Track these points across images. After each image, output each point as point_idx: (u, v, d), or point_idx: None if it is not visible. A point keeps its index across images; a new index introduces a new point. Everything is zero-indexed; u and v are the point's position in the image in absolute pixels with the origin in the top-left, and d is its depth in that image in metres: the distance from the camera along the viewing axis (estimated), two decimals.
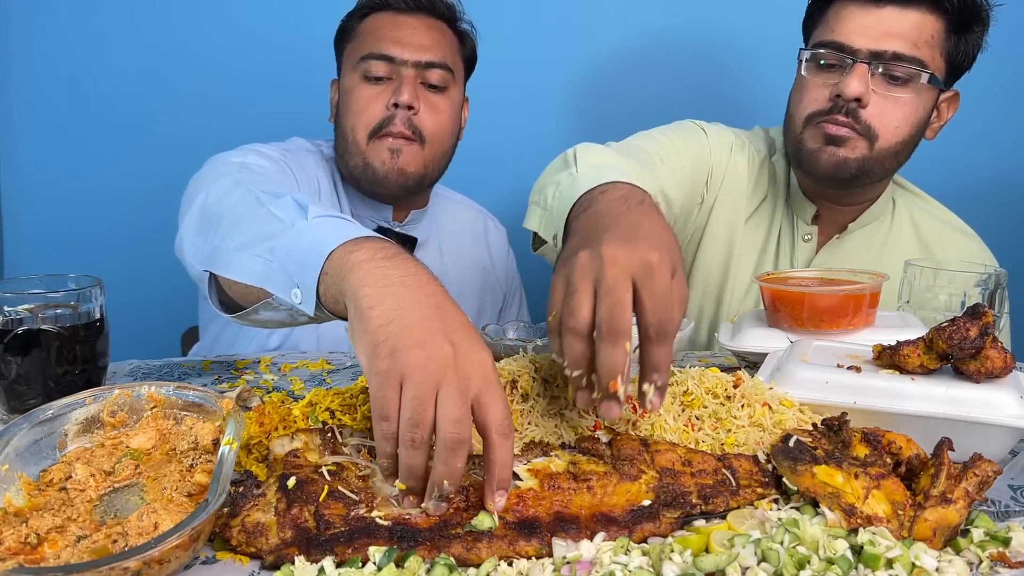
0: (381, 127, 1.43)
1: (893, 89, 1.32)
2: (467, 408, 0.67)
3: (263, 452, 0.82)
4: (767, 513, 0.71)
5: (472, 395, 0.68)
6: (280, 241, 0.85)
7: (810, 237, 1.50)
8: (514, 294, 1.76)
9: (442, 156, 1.51)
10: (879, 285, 1.13)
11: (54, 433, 0.78)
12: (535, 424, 0.86)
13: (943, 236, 1.53)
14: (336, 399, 0.90)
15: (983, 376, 0.87)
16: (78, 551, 0.63)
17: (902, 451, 0.77)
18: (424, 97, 1.45)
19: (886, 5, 1.30)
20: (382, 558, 0.63)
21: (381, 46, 1.43)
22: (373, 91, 1.44)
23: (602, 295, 0.73)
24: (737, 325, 1.20)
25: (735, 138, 1.51)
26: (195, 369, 1.23)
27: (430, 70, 1.44)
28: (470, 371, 0.68)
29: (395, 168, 1.43)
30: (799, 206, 1.50)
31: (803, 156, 1.39)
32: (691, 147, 1.44)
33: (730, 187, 1.48)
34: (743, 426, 0.87)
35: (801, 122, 1.38)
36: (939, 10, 1.31)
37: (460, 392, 0.67)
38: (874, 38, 1.30)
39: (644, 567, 0.63)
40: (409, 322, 0.69)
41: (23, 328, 0.94)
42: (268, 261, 0.85)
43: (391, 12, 1.46)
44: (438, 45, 1.46)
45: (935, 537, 0.68)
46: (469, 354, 0.68)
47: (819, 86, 1.36)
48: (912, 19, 1.30)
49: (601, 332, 0.72)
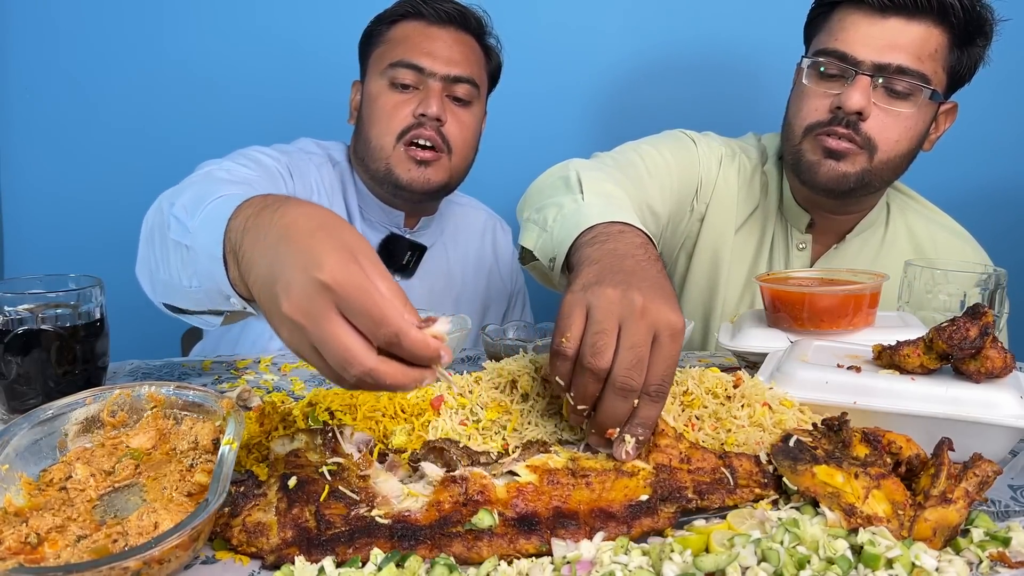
0: (405, 133, 1.43)
1: (894, 103, 1.30)
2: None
3: (263, 452, 0.82)
4: (767, 513, 0.71)
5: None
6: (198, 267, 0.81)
7: (804, 246, 1.49)
8: (518, 294, 1.77)
9: (465, 167, 1.53)
10: (879, 285, 1.13)
11: (54, 433, 0.78)
12: (535, 424, 0.86)
13: (938, 240, 1.51)
14: (336, 399, 0.91)
15: (983, 376, 0.87)
16: (78, 551, 0.63)
17: (902, 451, 0.77)
18: (450, 109, 1.45)
19: (892, 16, 1.27)
20: (383, 560, 0.63)
21: (411, 55, 1.43)
22: (400, 98, 1.44)
23: (624, 345, 0.74)
24: (737, 325, 1.20)
25: (725, 148, 1.50)
26: (195, 369, 1.23)
27: (458, 84, 1.45)
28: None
29: (421, 176, 1.44)
30: (793, 215, 1.49)
31: (802, 167, 1.37)
32: (680, 159, 1.43)
33: (720, 197, 1.47)
34: (743, 426, 0.87)
35: (800, 132, 1.37)
36: (944, 23, 1.28)
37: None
38: (878, 49, 1.28)
39: (644, 567, 0.63)
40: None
41: (23, 328, 0.94)
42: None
43: (423, 22, 1.46)
44: (467, 60, 1.47)
45: (935, 537, 0.68)
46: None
47: (820, 96, 1.33)
48: (917, 32, 1.28)
49: (615, 383, 0.73)
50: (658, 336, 0.74)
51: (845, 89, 1.29)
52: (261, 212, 0.72)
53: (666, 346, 0.74)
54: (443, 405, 0.89)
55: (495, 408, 0.88)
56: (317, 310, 0.63)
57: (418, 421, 0.88)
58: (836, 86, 1.32)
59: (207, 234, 0.77)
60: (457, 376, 0.95)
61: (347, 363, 0.64)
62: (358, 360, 0.63)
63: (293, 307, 0.64)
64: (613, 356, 0.73)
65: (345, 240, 0.66)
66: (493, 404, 0.89)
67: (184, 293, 0.87)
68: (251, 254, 0.71)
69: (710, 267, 1.51)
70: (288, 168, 1.43)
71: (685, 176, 1.44)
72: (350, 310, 0.63)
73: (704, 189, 1.47)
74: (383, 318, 0.63)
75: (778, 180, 1.50)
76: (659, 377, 0.74)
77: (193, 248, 0.81)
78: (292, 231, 0.67)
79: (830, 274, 1.21)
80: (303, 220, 0.68)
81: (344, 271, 0.63)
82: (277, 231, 0.68)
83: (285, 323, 0.65)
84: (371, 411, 0.89)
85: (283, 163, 1.42)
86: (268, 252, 0.68)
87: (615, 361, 0.73)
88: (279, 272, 0.65)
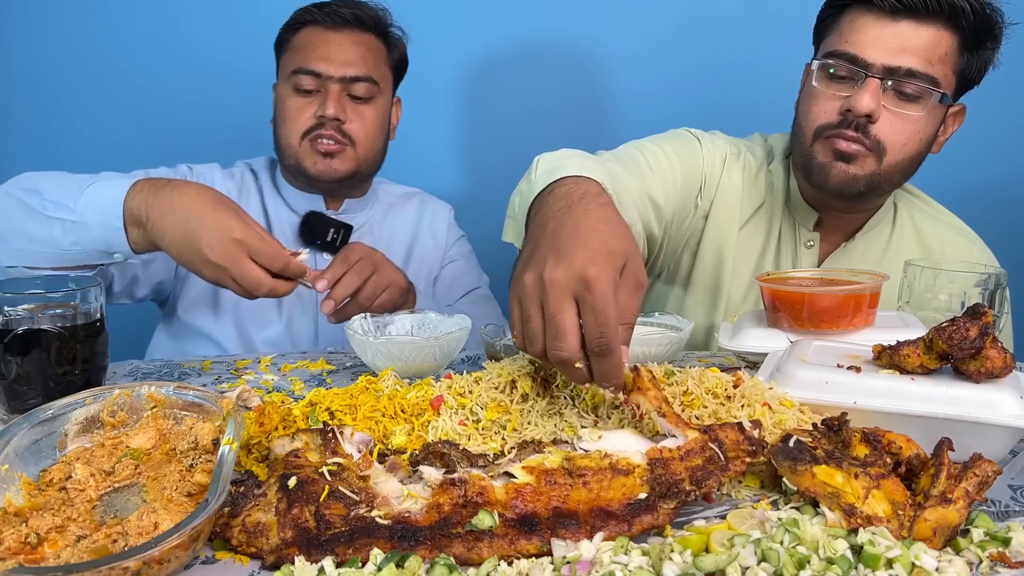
0: (309, 132, 1.56)
1: (904, 106, 1.30)
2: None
3: (263, 452, 0.82)
4: (767, 513, 0.71)
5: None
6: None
7: (813, 243, 1.49)
8: (456, 255, 1.82)
9: (372, 156, 1.63)
10: (879, 285, 1.13)
11: (54, 433, 0.78)
12: (535, 424, 0.86)
13: (944, 239, 1.51)
14: (336, 399, 0.91)
15: (983, 376, 0.87)
16: (78, 551, 0.63)
17: (902, 451, 0.77)
18: (350, 107, 1.57)
19: (903, 19, 1.27)
20: (383, 560, 0.63)
21: (309, 61, 1.55)
22: (302, 102, 1.56)
23: (548, 322, 0.77)
24: (737, 325, 1.20)
25: (730, 146, 1.50)
26: (195, 369, 1.23)
27: (355, 83, 1.56)
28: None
29: (327, 167, 1.57)
30: (801, 213, 1.49)
31: (813, 170, 1.37)
32: (683, 156, 1.43)
33: (724, 194, 1.48)
34: None
35: (811, 134, 1.37)
36: (955, 26, 1.28)
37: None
38: (889, 52, 1.28)
39: (644, 567, 0.63)
40: None
41: (23, 328, 0.94)
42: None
43: (321, 27, 1.57)
44: (363, 59, 1.57)
45: (935, 537, 0.68)
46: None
47: (829, 98, 1.34)
48: (927, 35, 1.28)
49: (552, 359, 0.78)
50: (578, 295, 0.76)
51: (855, 92, 1.29)
52: (159, 191, 1.11)
53: (588, 300, 0.75)
54: (443, 405, 0.89)
55: (495, 408, 0.88)
56: (235, 255, 1.07)
57: (418, 421, 0.88)
58: (846, 88, 1.32)
59: (98, 212, 1.12)
60: (457, 376, 0.95)
61: (258, 285, 1.10)
62: (265, 283, 1.10)
63: (217, 255, 1.07)
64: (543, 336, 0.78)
65: (236, 209, 1.11)
66: (493, 404, 0.89)
67: (52, 256, 1.17)
68: (161, 223, 1.10)
69: (715, 264, 1.51)
70: (183, 176, 1.60)
71: (689, 172, 1.44)
72: (256, 254, 1.09)
73: (708, 186, 1.47)
74: (276, 256, 1.10)
75: (785, 179, 1.51)
76: (596, 333, 0.75)
77: (81, 222, 1.13)
78: (196, 206, 1.09)
79: (830, 274, 1.22)
80: (199, 198, 1.10)
81: (248, 231, 1.08)
82: (183, 206, 1.09)
83: (209, 265, 1.08)
84: (371, 411, 0.89)
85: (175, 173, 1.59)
86: (180, 222, 1.08)
87: (545, 339, 0.77)
88: (199, 234, 1.07)
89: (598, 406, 0.89)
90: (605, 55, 2.13)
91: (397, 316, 1.24)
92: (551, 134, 2.17)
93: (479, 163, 2.21)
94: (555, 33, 2.12)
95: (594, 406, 0.89)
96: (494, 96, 2.16)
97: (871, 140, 1.31)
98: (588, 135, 2.19)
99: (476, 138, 2.19)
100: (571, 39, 2.13)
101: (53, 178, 1.23)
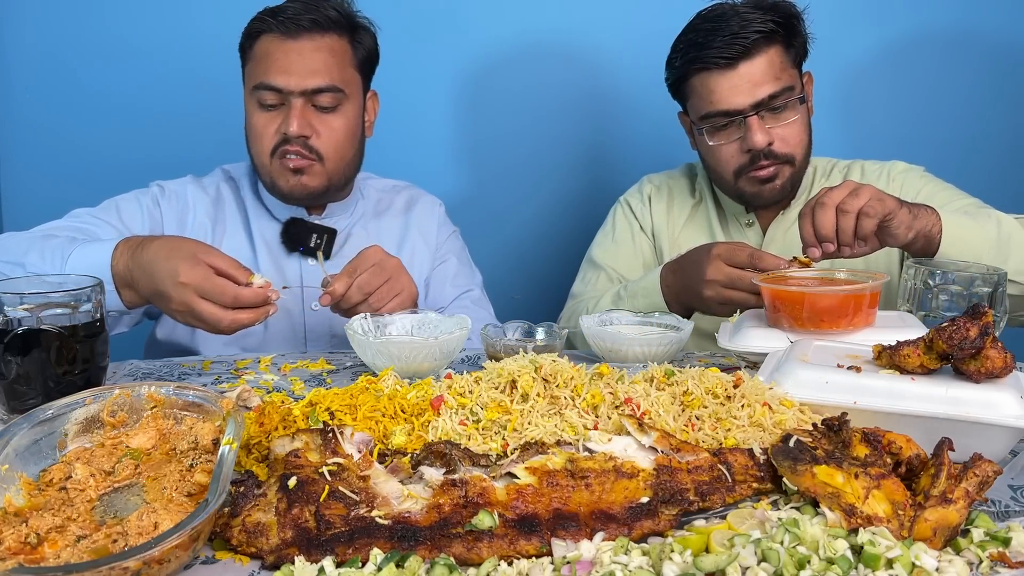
0: (276, 149, 1.50)
1: (783, 117, 1.53)
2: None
3: (263, 452, 0.82)
4: (767, 513, 0.71)
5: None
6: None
7: (752, 221, 1.69)
8: (447, 254, 1.76)
9: (344, 166, 1.56)
10: (879, 285, 1.13)
11: (54, 433, 0.78)
12: (535, 424, 0.86)
13: (866, 168, 1.68)
14: (336, 399, 0.91)
15: (983, 376, 0.87)
16: (78, 551, 0.63)
17: (902, 451, 0.77)
18: (316, 119, 1.49)
19: (738, 63, 1.49)
20: (383, 560, 0.63)
21: (269, 76, 1.47)
22: (267, 117, 1.50)
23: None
24: (737, 325, 1.20)
25: (650, 186, 1.77)
26: (195, 369, 1.23)
27: (319, 95, 1.48)
28: None
29: (298, 184, 1.51)
30: (732, 210, 1.70)
31: (746, 198, 1.62)
32: (627, 241, 1.74)
33: (659, 225, 1.74)
34: (743, 426, 0.87)
35: (731, 177, 1.59)
36: (773, 42, 1.50)
37: None
38: (747, 92, 1.50)
39: (644, 567, 0.63)
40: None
41: (23, 328, 0.94)
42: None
43: (278, 35, 1.47)
44: (326, 67, 1.48)
45: (935, 537, 0.68)
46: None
47: (728, 145, 1.56)
48: (763, 62, 1.49)
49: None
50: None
51: (745, 133, 1.52)
52: (134, 252, 1.19)
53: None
54: (443, 405, 0.89)
55: (495, 408, 0.88)
56: (187, 298, 1.13)
57: (418, 421, 0.88)
58: (735, 131, 1.55)
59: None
60: (457, 376, 0.95)
61: (216, 321, 1.15)
62: (222, 318, 1.15)
63: (175, 302, 1.14)
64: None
65: (190, 252, 1.15)
66: (493, 404, 0.89)
67: None
68: (141, 281, 1.18)
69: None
70: (154, 200, 1.57)
71: (638, 246, 1.75)
72: (204, 293, 1.13)
73: (657, 234, 1.75)
74: (223, 292, 1.14)
75: (711, 189, 1.73)
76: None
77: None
78: (155, 260, 1.16)
79: (830, 274, 1.21)
80: (160, 250, 1.17)
81: (192, 272, 1.13)
82: (148, 262, 1.17)
83: (172, 312, 1.17)
84: (371, 411, 0.89)
85: (143, 202, 1.55)
86: (147, 277, 1.16)
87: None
88: (160, 286, 1.15)
89: (598, 406, 0.89)
90: (605, 55, 2.14)
91: (397, 316, 1.24)
92: (551, 134, 2.18)
93: (479, 163, 2.21)
94: (555, 33, 2.12)
95: (594, 406, 0.89)
96: (494, 96, 2.16)
97: (780, 157, 1.55)
98: (588, 135, 2.19)
99: (476, 138, 2.19)
100: (571, 39, 2.13)
101: (32, 247, 1.26)
